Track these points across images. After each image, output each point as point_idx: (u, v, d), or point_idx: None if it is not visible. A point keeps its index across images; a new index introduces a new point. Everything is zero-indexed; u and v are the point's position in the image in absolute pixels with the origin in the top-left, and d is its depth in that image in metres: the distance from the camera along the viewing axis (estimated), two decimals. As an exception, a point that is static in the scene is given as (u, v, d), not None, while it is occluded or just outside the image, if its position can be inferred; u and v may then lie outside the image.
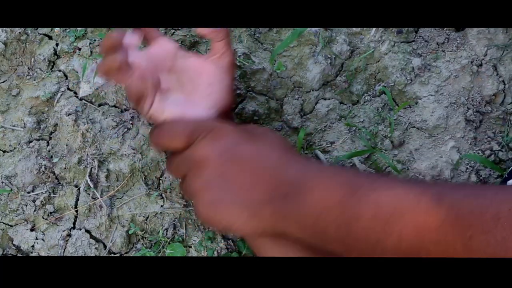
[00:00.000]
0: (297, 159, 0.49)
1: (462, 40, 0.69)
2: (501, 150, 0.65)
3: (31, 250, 0.64)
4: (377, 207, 0.41)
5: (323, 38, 0.68)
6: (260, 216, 0.47)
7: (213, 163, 0.48)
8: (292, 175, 0.47)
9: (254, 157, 0.49)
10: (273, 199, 0.46)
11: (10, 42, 0.70)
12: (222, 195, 0.48)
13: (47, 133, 0.68)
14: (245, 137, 0.50)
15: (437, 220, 0.37)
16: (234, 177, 0.48)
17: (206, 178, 0.48)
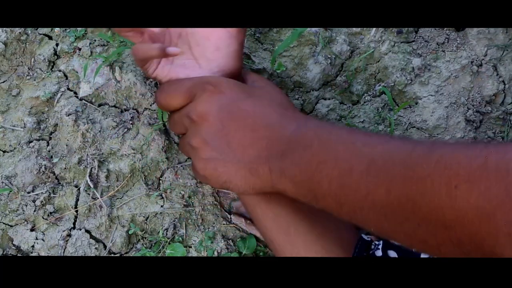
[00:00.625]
0: (296, 116, 0.49)
1: (462, 40, 0.69)
2: (501, 150, 0.65)
3: (31, 250, 0.64)
4: (370, 160, 0.41)
5: (323, 38, 0.68)
6: (258, 173, 0.47)
7: (211, 118, 0.48)
8: (291, 132, 0.47)
9: (254, 113, 0.49)
10: (271, 156, 0.47)
11: (10, 42, 0.70)
12: (221, 152, 0.48)
13: (47, 133, 0.68)
14: (245, 92, 0.50)
15: (426, 170, 0.37)
16: (232, 134, 0.48)
17: (204, 134, 0.48)
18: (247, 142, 0.48)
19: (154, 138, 0.66)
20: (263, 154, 0.47)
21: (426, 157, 0.38)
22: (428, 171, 0.37)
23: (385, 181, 0.39)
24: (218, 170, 0.48)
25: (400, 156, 0.40)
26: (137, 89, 0.68)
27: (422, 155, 0.39)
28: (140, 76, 0.68)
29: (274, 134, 0.47)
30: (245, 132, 0.48)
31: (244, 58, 0.67)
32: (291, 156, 0.46)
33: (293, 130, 0.47)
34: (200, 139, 0.49)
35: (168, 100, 0.52)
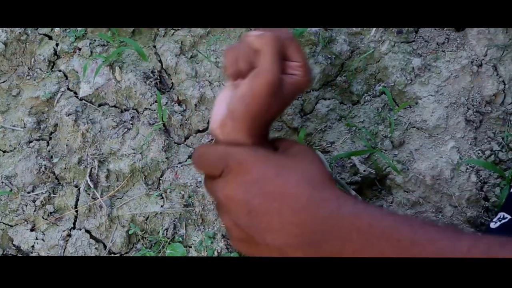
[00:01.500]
0: (327, 198, 0.45)
1: (462, 40, 0.69)
2: (501, 150, 0.65)
3: (31, 250, 0.64)
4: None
5: (323, 38, 0.68)
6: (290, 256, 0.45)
7: (237, 202, 0.46)
8: (322, 219, 0.44)
9: (281, 196, 0.45)
10: (303, 243, 0.44)
11: (10, 42, 0.70)
12: (251, 235, 0.46)
13: (47, 133, 0.68)
14: (273, 168, 0.47)
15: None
16: (260, 218, 0.45)
17: (232, 216, 0.46)
18: (275, 227, 0.45)
19: (154, 138, 0.66)
20: (293, 241, 0.44)
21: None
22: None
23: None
24: (251, 250, 0.47)
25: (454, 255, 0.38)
26: (137, 89, 0.68)
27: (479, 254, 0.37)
28: (140, 76, 0.68)
29: (303, 221, 0.44)
30: (272, 216, 0.45)
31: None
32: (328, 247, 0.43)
33: (324, 217, 0.44)
34: (230, 220, 0.47)
35: (201, 168, 0.50)
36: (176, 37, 0.70)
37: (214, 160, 0.48)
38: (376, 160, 0.65)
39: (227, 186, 0.47)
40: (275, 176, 0.46)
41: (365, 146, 0.66)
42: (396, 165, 0.65)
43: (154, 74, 0.69)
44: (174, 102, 0.68)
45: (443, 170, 0.64)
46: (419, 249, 0.40)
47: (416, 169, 0.65)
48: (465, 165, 0.64)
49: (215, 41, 0.70)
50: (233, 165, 0.47)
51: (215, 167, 0.48)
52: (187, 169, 0.66)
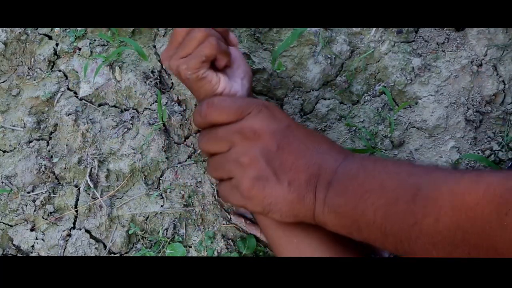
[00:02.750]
0: (342, 150, 0.50)
1: (462, 40, 0.69)
2: (501, 150, 0.65)
3: (31, 250, 0.64)
4: (416, 189, 0.41)
5: (323, 38, 0.68)
6: (305, 201, 0.47)
7: (266, 138, 0.48)
8: (340, 162, 0.47)
9: (307, 140, 0.49)
10: (319, 184, 0.46)
11: (10, 42, 0.70)
12: (271, 172, 0.47)
13: (47, 133, 0.68)
14: (295, 121, 0.51)
15: (475, 198, 0.37)
16: (286, 156, 0.47)
17: (258, 152, 0.47)
18: (300, 166, 0.47)
19: (154, 138, 0.66)
20: (313, 181, 0.47)
21: (474, 185, 0.38)
22: (477, 199, 0.37)
23: (433, 210, 0.39)
24: (266, 191, 0.47)
25: (447, 185, 0.40)
26: (137, 89, 0.68)
27: (469, 183, 0.39)
28: (140, 76, 0.68)
29: (325, 162, 0.47)
30: (298, 157, 0.47)
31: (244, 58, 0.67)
32: (336, 187, 0.46)
33: (341, 161, 0.47)
34: (253, 155, 0.47)
35: (217, 114, 0.50)
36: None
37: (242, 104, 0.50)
38: (376, 160, 0.65)
39: (257, 122, 0.49)
40: (299, 126, 0.50)
41: (365, 146, 0.66)
42: (396, 165, 0.65)
43: (154, 74, 0.69)
44: (174, 102, 0.68)
45: (443, 170, 0.64)
46: (415, 178, 0.42)
47: (416, 169, 0.65)
48: (465, 165, 0.64)
49: (215, 41, 0.70)
50: (261, 109, 0.50)
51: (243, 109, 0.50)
52: (187, 169, 0.66)
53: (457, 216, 0.38)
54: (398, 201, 0.42)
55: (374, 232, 0.43)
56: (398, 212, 0.41)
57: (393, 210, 0.42)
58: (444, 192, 0.40)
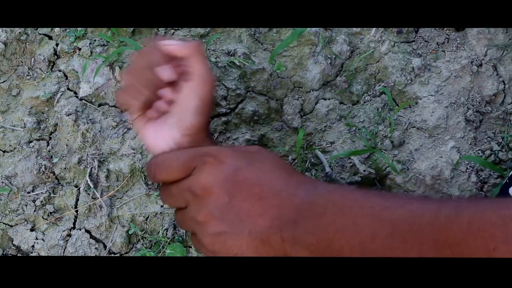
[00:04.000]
0: (303, 181, 0.47)
1: (462, 40, 0.69)
2: (501, 150, 0.65)
3: (31, 250, 0.64)
4: (392, 225, 0.40)
5: (323, 38, 0.68)
6: (270, 243, 0.45)
7: (217, 191, 0.46)
8: (301, 198, 0.45)
9: (259, 181, 0.46)
10: (283, 225, 0.45)
11: (10, 42, 0.70)
12: (230, 225, 0.45)
13: (47, 133, 0.68)
14: (245, 159, 0.48)
15: (458, 233, 0.36)
16: (241, 204, 0.46)
17: (210, 208, 0.46)
18: (256, 212, 0.45)
19: (154, 138, 0.66)
20: (274, 224, 0.45)
21: (455, 220, 0.37)
22: (461, 235, 0.36)
23: (414, 246, 0.38)
24: (228, 244, 0.46)
25: (426, 219, 0.39)
26: (137, 89, 0.68)
27: (450, 217, 0.37)
28: (140, 76, 0.68)
29: (284, 201, 0.45)
30: (253, 202, 0.45)
31: (244, 58, 0.67)
32: (304, 224, 0.44)
33: (302, 197, 0.45)
34: (207, 213, 0.46)
35: (164, 175, 0.48)
36: (176, 37, 0.70)
37: (186, 158, 0.48)
38: (376, 160, 0.65)
39: (204, 176, 0.46)
40: (249, 165, 0.47)
41: (365, 146, 0.66)
42: (396, 165, 0.65)
43: (154, 74, 0.69)
44: (174, 102, 0.68)
45: (443, 170, 0.64)
46: (389, 212, 0.41)
47: (416, 169, 0.65)
48: (465, 165, 0.64)
49: (215, 41, 0.70)
50: (208, 159, 0.47)
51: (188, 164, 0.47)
52: (187, 169, 0.66)
53: (441, 252, 0.37)
54: (375, 238, 0.40)
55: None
56: (377, 249, 0.40)
57: (371, 247, 0.40)
58: (423, 226, 0.38)
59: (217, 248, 0.46)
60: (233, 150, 0.49)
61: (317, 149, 0.66)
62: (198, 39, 0.70)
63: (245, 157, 0.49)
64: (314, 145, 0.67)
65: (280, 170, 0.48)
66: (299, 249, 0.44)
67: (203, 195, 0.46)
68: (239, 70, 0.67)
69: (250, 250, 0.46)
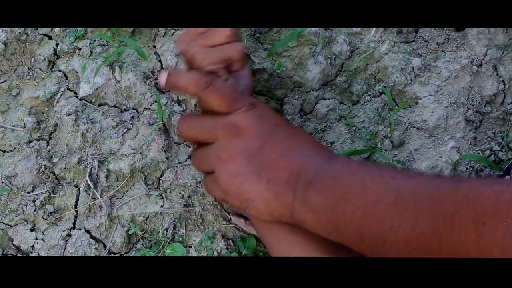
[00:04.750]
0: (327, 150, 0.50)
1: (462, 40, 0.69)
2: (501, 150, 0.65)
3: (31, 250, 0.64)
4: (397, 193, 0.41)
5: (323, 38, 0.68)
6: (282, 199, 0.46)
7: (249, 135, 0.47)
8: (323, 162, 0.47)
9: (291, 140, 0.49)
10: (299, 183, 0.46)
11: (10, 42, 0.70)
12: (252, 168, 0.47)
13: (47, 133, 0.68)
14: (284, 120, 0.51)
15: (453, 206, 0.37)
16: (268, 153, 0.47)
17: (239, 148, 0.47)
18: (281, 164, 0.47)
19: (154, 138, 0.66)
20: (292, 180, 0.46)
21: (453, 192, 0.38)
22: (456, 206, 0.37)
23: (411, 215, 0.39)
24: (243, 187, 0.47)
25: (428, 190, 0.40)
26: (137, 89, 0.68)
27: (449, 189, 0.38)
28: (140, 76, 0.68)
29: (307, 162, 0.47)
30: (280, 155, 0.47)
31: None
32: (317, 185, 0.45)
33: (324, 161, 0.47)
34: (234, 151, 0.47)
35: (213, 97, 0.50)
36: (176, 37, 0.70)
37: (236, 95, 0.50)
38: (376, 160, 0.65)
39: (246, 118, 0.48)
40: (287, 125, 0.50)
41: (365, 146, 0.66)
42: (396, 165, 0.65)
43: (154, 74, 0.69)
44: (174, 102, 0.68)
45: (443, 170, 0.64)
46: (397, 182, 0.42)
47: (416, 169, 0.65)
48: (465, 165, 0.64)
49: (215, 41, 0.70)
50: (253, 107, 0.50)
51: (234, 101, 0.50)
52: (187, 169, 0.66)
53: (434, 223, 0.38)
54: (378, 203, 0.41)
55: (351, 234, 0.43)
56: (377, 214, 0.41)
57: (372, 212, 0.41)
58: (424, 197, 0.39)
59: (231, 189, 0.47)
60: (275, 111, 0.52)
61: (317, 149, 0.67)
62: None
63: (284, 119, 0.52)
64: (314, 145, 0.67)
65: (311, 138, 0.51)
66: (306, 210, 0.45)
67: (236, 133, 0.48)
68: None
69: (261, 199, 0.47)
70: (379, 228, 0.41)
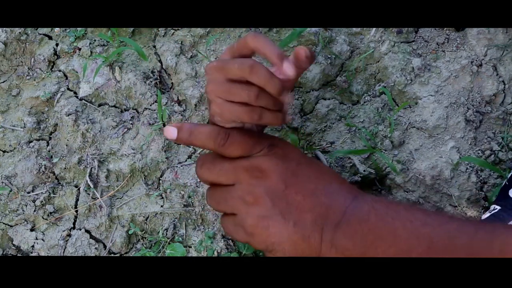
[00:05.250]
0: (353, 189, 0.48)
1: (462, 40, 0.69)
2: (501, 150, 0.65)
3: (31, 250, 0.64)
4: (429, 242, 0.41)
5: (323, 38, 0.68)
6: (310, 241, 0.45)
7: (274, 177, 0.47)
8: (349, 203, 0.46)
9: (316, 179, 0.47)
10: (326, 225, 0.45)
11: (10, 42, 0.70)
12: (277, 212, 0.46)
13: (47, 133, 0.68)
14: (307, 158, 0.49)
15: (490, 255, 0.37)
16: (293, 195, 0.46)
17: (265, 191, 0.46)
18: (306, 206, 0.46)
19: (154, 138, 0.66)
20: (319, 222, 0.45)
21: (488, 244, 0.38)
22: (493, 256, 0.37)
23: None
24: (270, 230, 0.46)
25: (462, 240, 0.39)
26: (137, 89, 0.68)
27: (484, 241, 0.38)
28: (140, 76, 0.68)
29: (333, 202, 0.46)
30: (306, 196, 0.46)
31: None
32: (346, 228, 0.44)
33: (350, 202, 0.46)
34: (260, 194, 0.46)
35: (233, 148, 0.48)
36: (176, 37, 0.70)
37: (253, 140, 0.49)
38: (376, 160, 0.65)
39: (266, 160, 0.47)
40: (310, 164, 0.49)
41: (365, 146, 0.66)
42: (396, 165, 0.65)
43: (154, 74, 0.69)
44: (174, 102, 0.68)
45: (443, 170, 0.64)
46: (429, 229, 0.41)
47: (416, 169, 0.65)
48: (465, 165, 0.64)
49: (215, 41, 0.70)
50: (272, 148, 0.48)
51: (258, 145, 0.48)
52: (187, 169, 0.66)
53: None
54: (411, 252, 0.41)
55: None
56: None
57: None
58: (458, 248, 0.39)
59: (258, 232, 0.46)
60: (296, 147, 0.51)
61: (317, 149, 0.66)
62: (198, 39, 0.70)
63: (307, 157, 0.50)
64: (314, 145, 0.67)
65: (335, 176, 0.49)
66: (334, 252, 0.45)
67: (260, 176, 0.47)
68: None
69: (289, 243, 0.46)
70: None
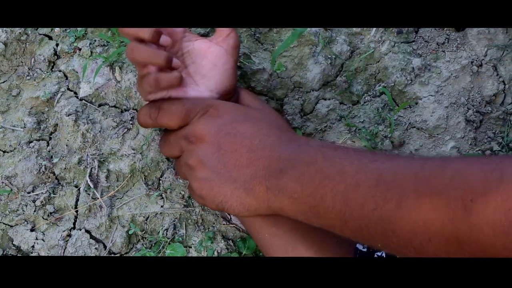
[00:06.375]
0: (297, 137, 0.49)
1: (462, 40, 0.69)
2: (501, 150, 0.65)
3: (31, 250, 0.64)
4: (378, 175, 0.40)
5: (323, 38, 0.68)
6: (254, 193, 0.47)
7: (209, 139, 0.49)
8: (292, 150, 0.46)
9: (252, 135, 0.49)
10: (269, 175, 0.46)
11: (10, 42, 0.70)
12: (217, 172, 0.48)
13: (47, 133, 0.68)
14: (243, 114, 0.50)
15: (440, 184, 0.37)
16: (229, 154, 0.48)
17: (201, 155, 0.48)
18: (243, 162, 0.48)
19: (154, 138, 0.66)
20: (260, 174, 0.47)
21: (439, 171, 0.37)
22: (443, 185, 0.36)
23: (394, 195, 0.39)
24: (214, 190, 0.48)
25: (411, 170, 0.39)
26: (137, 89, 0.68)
27: (435, 168, 0.38)
28: (140, 76, 0.68)
29: (273, 153, 0.47)
30: (242, 153, 0.48)
31: (244, 58, 0.67)
32: (291, 172, 0.45)
33: (294, 149, 0.47)
34: (197, 159, 0.49)
35: (166, 119, 0.52)
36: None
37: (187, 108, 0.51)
38: (376, 160, 0.65)
39: (199, 126, 0.50)
40: (245, 120, 0.50)
41: (365, 146, 0.66)
42: (396, 165, 0.65)
43: (154, 74, 0.69)
44: (174, 102, 0.68)
45: (443, 170, 0.64)
46: (377, 164, 0.41)
47: (416, 169, 0.65)
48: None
49: (215, 41, 0.70)
50: (205, 111, 0.50)
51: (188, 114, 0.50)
52: (187, 169, 0.66)
53: (420, 202, 0.37)
54: (359, 187, 0.41)
55: (333, 218, 0.43)
56: (358, 197, 0.41)
57: (353, 195, 0.41)
58: (407, 177, 0.39)
59: (204, 193, 0.49)
60: (234, 105, 0.52)
61: (317, 149, 0.67)
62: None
63: (244, 113, 0.51)
64: (314, 145, 0.67)
65: (275, 128, 0.50)
66: (283, 198, 0.45)
67: (196, 142, 0.49)
68: (239, 70, 0.67)
69: (234, 199, 0.48)
70: (362, 211, 0.40)
